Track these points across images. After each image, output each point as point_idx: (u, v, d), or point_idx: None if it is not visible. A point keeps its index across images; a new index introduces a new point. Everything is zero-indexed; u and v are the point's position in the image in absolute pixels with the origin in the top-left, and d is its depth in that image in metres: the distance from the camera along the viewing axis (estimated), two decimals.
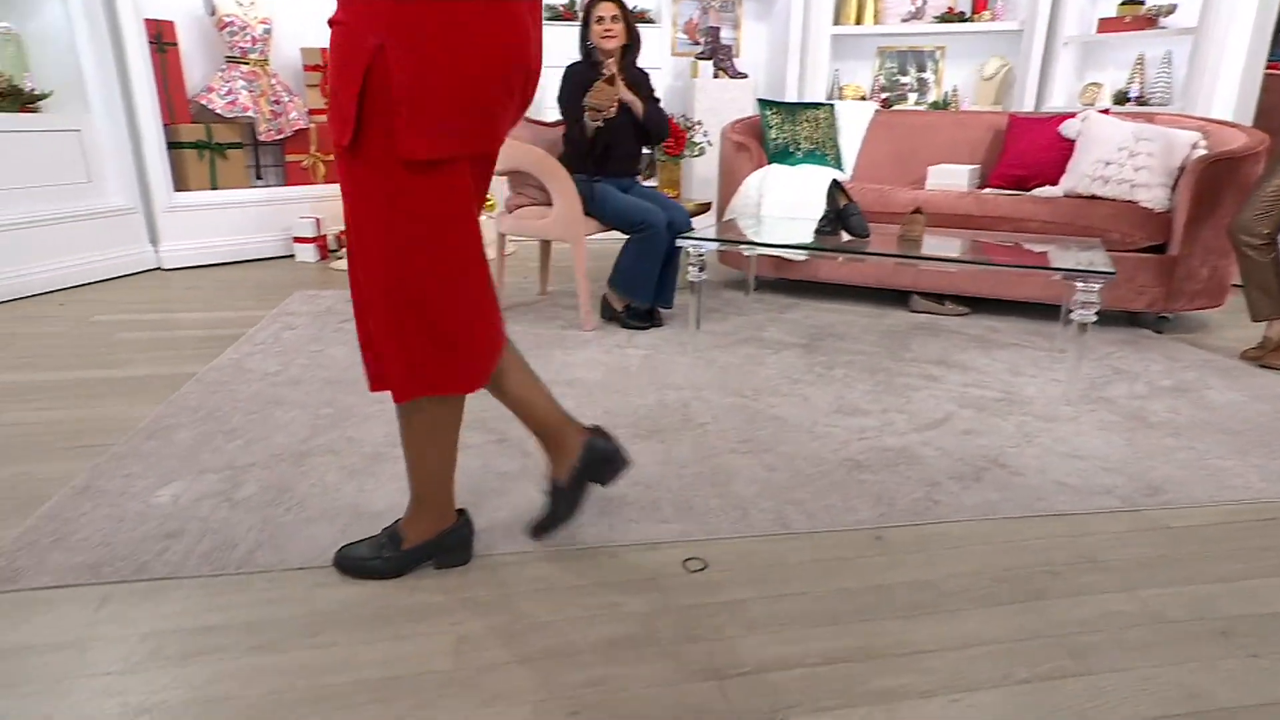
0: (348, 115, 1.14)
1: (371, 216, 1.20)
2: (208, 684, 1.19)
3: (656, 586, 1.44)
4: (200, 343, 2.86)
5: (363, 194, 1.19)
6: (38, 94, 3.70)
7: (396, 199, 1.18)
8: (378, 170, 1.16)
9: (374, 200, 1.19)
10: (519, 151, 3.06)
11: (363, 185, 1.19)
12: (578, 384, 2.48)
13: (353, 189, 1.20)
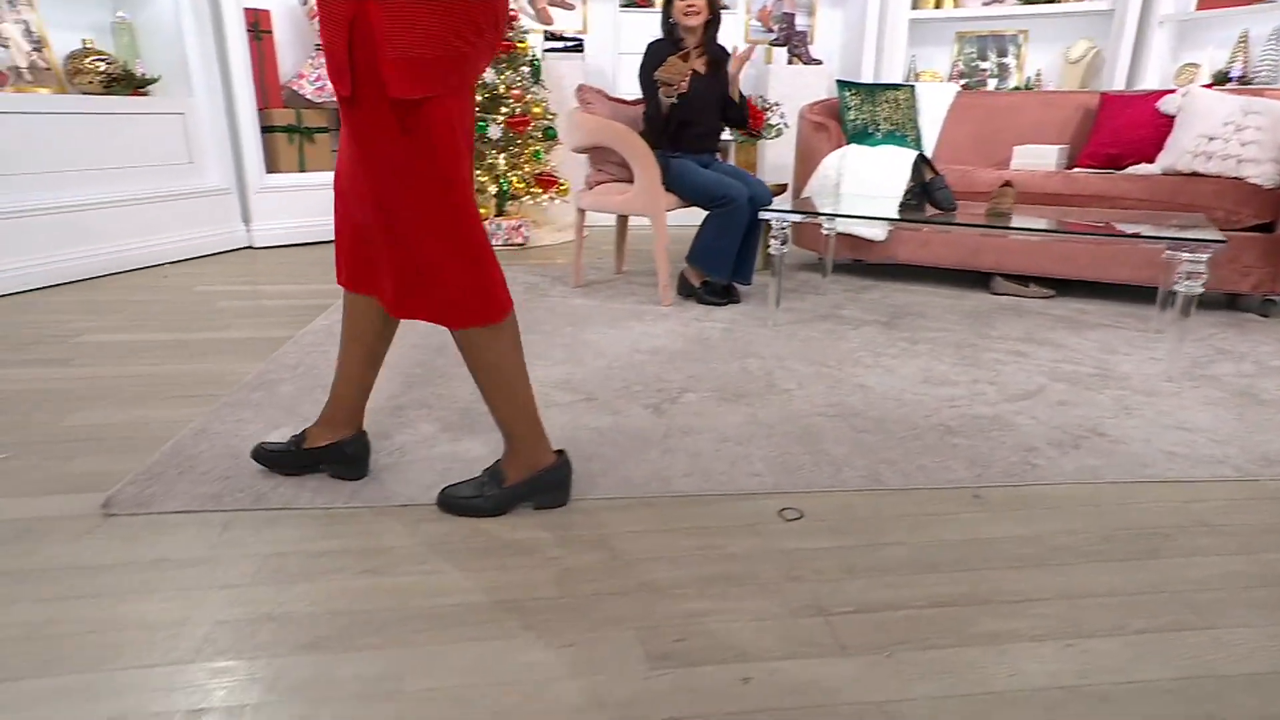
0: (342, 68, 1.21)
1: (391, 159, 1.27)
2: (327, 599, 1.23)
3: (754, 532, 1.44)
4: (293, 311, 2.98)
5: (375, 139, 1.26)
6: (147, 78, 3.90)
7: (406, 138, 1.25)
8: (381, 114, 1.23)
9: (388, 143, 1.25)
10: (600, 127, 3.09)
11: (372, 131, 1.25)
12: (660, 351, 2.50)
13: (365, 137, 1.26)
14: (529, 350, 2.49)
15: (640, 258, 4.15)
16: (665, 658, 1.11)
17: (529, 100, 4.61)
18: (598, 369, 2.32)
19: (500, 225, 4.43)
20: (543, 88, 4.80)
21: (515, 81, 4.55)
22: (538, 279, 3.59)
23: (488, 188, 4.56)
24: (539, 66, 4.72)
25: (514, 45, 4.52)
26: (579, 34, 5.36)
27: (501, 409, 1.45)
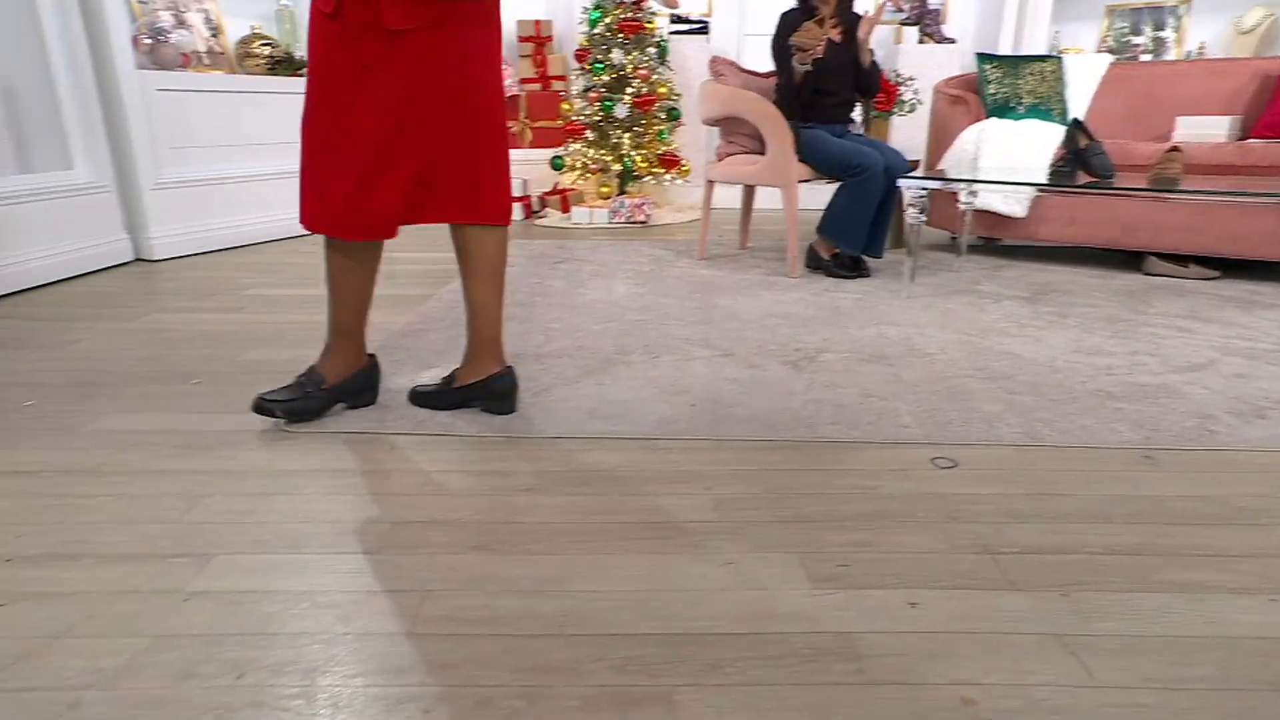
0: None
1: (489, 81, 1.54)
2: (491, 511, 1.29)
3: (907, 477, 1.41)
4: (431, 274, 3.12)
5: (479, 61, 1.54)
6: (304, 60, 4.17)
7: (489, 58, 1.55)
8: (365, 38, 1.42)
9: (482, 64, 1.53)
10: (733, 96, 3.08)
11: (345, 47, 1.44)
12: (792, 317, 2.47)
13: (332, 49, 1.44)
14: (661, 311, 2.52)
15: (762, 236, 4.12)
16: (829, 580, 1.10)
17: (655, 80, 4.65)
18: (731, 329, 2.32)
19: (623, 203, 4.50)
20: (668, 68, 4.84)
21: (642, 62, 4.61)
22: (662, 252, 3.62)
23: (612, 166, 4.63)
24: (665, 47, 4.75)
25: (642, 26, 4.57)
26: (704, 16, 5.36)
27: (497, 309, 1.66)
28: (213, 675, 0.91)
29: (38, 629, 0.99)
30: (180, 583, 1.09)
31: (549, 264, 3.30)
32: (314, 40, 1.45)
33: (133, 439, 1.55)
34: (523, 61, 5.04)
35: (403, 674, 0.91)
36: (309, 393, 1.61)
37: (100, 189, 3.18)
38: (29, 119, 3.09)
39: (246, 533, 1.22)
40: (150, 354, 2.09)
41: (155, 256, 3.37)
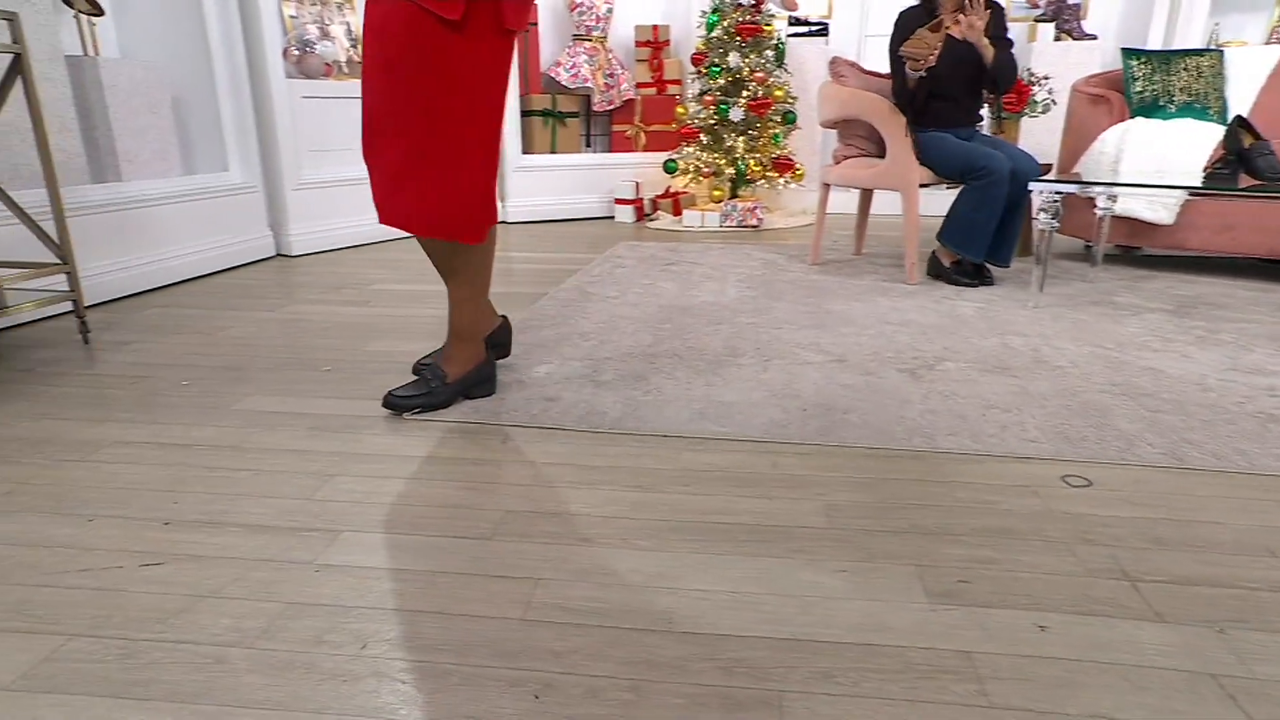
0: None
1: (477, 81, 1.51)
2: (600, 505, 1.31)
3: (1033, 494, 1.33)
4: (545, 274, 3.19)
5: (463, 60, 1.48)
6: None
7: (494, 63, 1.52)
8: (481, 41, 1.47)
9: (480, 66, 1.50)
10: (852, 98, 3.01)
11: (465, 55, 1.47)
12: (910, 324, 2.39)
13: (453, 58, 1.46)
14: (773, 315, 2.49)
15: (877, 242, 4.01)
16: (948, 595, 1.05)
17: (771, 84, 4.61)
18: (845, 335, 2.26)
19: (735, 207, 4.47)
20: (785, 71, 4.78)
21: (759, 65, 4.57)
22: (774, 256, 3.57)
23: (725, 170, 4.61)
24: (783, 50, 4.70)
25: (760, 29, 4.53)
26: (823, 19, 5.27)
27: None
28: (339, 644, 0.96)
29: (191, 588, 1.07)
30: (312, 555, 1.15)
31: (660, 266, 3.32)
32: (431, 51, 1.45)
33: (271, 419, 1.66)
34: (639, 66, 5.10)
35: (514, 657, 0.93)
36: (434, 388, 1.67)
37: (249, 189, 3.43)
38: (195, 126, 3.37)
39: (370, 512, 1.28)
40: (288, 342, 2.23)
41: (293, 252, 3.61)
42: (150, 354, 2.12)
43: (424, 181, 1.53)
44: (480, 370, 1.76)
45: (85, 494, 1.34)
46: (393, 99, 1.48)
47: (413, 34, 1.43)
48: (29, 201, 2.39)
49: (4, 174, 2.45)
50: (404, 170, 1.51)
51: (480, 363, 1.76)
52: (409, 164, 1.51)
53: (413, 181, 1.52)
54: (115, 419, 1.67)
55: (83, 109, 2.87)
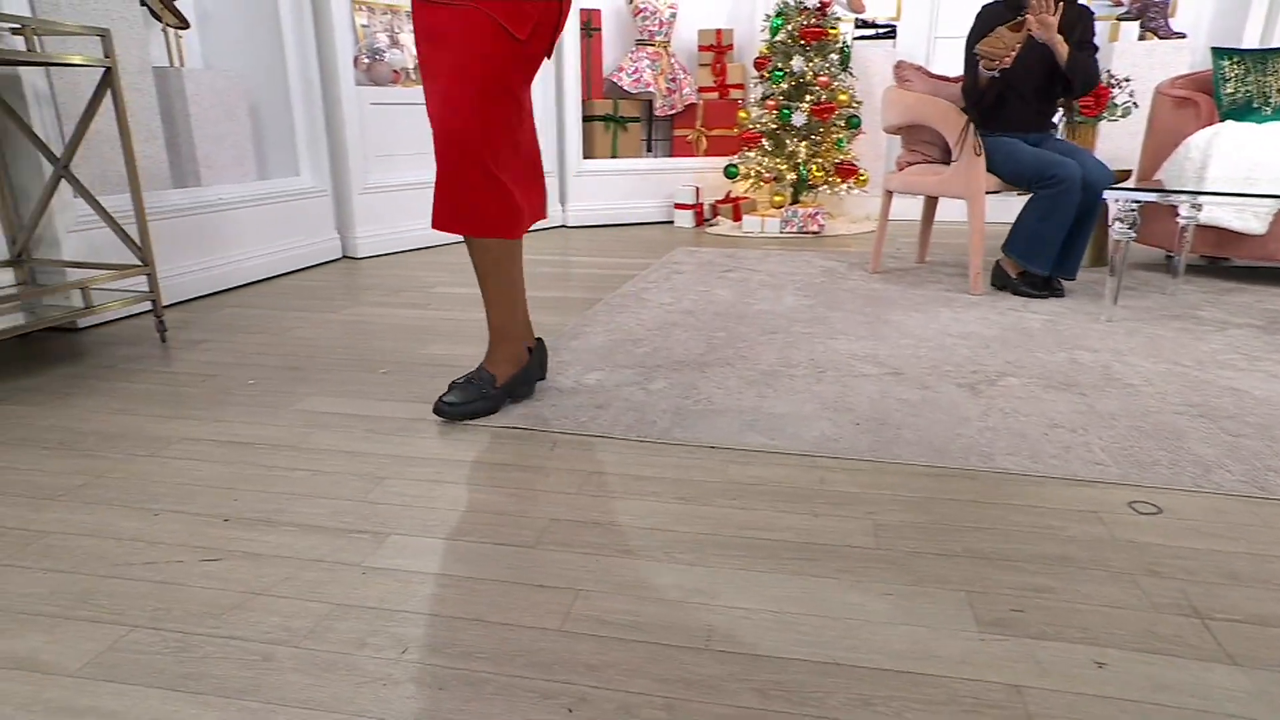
0: (529, 18, 1.50)
1: (525, 92, 1.60)
2: (644, 516, 1.30)
3: (1098, 520, 1.27)
4: (602, 279, 3.21)
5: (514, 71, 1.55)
6: None
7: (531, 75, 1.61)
8: (534, 61, 1.56)
9: (529, 78, 1.58)
10: (917, 103, 2.94)
11: (523, 70, 1.55)
12: (972, 336, 2.31)
13: (513, 69, 1.52)
14: (829, 325, 2.44)
15: (942, 250, 3.90)
16: (999, 624, 1.01)
17: (835, 88, 4.54)
18: (904, 347, 2.21)
19: (795, 213, 4.41)
20: (850, 75, 4.70)
21: (823, 69, 4.51)
22: (834, 263, 3.51)
23: (786, 175, 4.56)
24: (848, 54, 4.62)
25: (825, 32, 4.47)
26: (892, 20, 5.16)
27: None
28: (381, 647, 0.98)
29: (245, 585, 1.11)
30: (360, 557, 1.18)
31: (717, 272, 3.30)
32: (494, 60, 1.50)
33: (329, 420, 1.71)
34: (701, 70, 5.08)
35: (550, 669, 0.94)
36: (485, 393, 1.69)
37: (319, 193, 3.55)
38: (269, 132, 3.50)
39: (418, 516, 1.30)
40: (349, 343, 2.30)
41: (359, 255, 3.71)
42: (221, 353, 2.21)
43: (472, 183, 1.56)
44: (526, 371, 1.78)
45: (153, 488, 1.40)
46: (455, 105, 1.52)
47: (483, 41, 1.48)
48: (116, 206, 2.52)
49: (96, 180, 2.59)
50: (457, 173, 1.55)
51: (526, 364, 1.78)
52: (461, 168, 1.55)
53: (462, 184, 1.56)
54: (185, 416, 1.74)
55: (167, 117, 3.01)
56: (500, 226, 1.60)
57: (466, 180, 1.54)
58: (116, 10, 2.67)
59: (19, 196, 2.37)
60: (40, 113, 2.33)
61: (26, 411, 1.78)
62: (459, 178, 1.54)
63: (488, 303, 1.71)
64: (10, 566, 1.16)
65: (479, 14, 1.47)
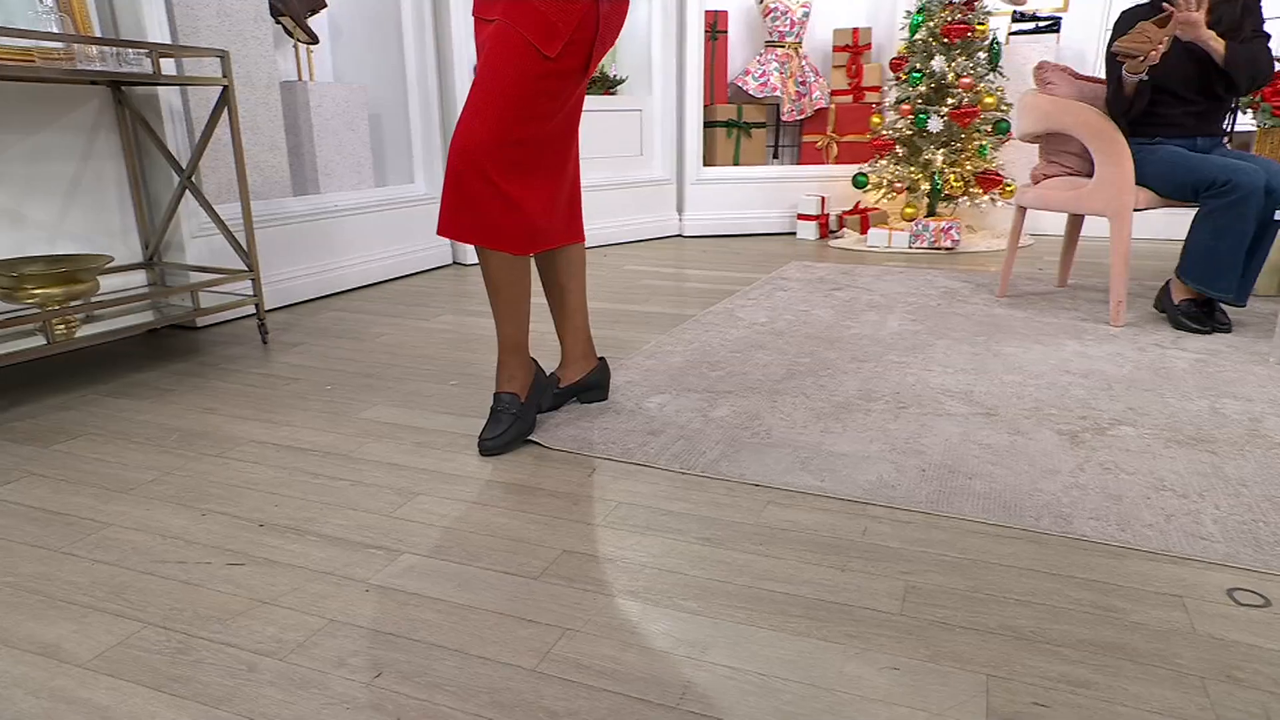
0: (559, 36, 1.54)
1: (557, 112, 1.63)
2: (661, 555, 1.29)
3: (1179, 606, 1.13)
4: (702, 294, 3.19)
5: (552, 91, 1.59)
6: (617, 79, 4.53)
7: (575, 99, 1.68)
8: (567, 79, 1.59)
9: (563, 100, 1.62)
10: (1057, 109, 2.73)
11: (553, 88, 1.58)
12: (1095, 375, 2.12)
13: (540, 86, 1.56)
14: (928, 354, 2.31)
15: (1091, 272, 3.60)
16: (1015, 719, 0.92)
17: (980, 90, 4.30)
18: (1007, 384, 2.05)
19: (926, 227, 4.21)
20: (1000, 75, 4.43)
21: (966, 69, 4.28)
22: (959, 284, 3.32)
23: (920, 185, 4.36)
24: (998, 51, 4.36)
25: (971, 29, 4.24)
26: (1057, 12, 4.82)
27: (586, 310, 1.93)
28: (357, 669, 1.02)
29: (255, 593, 1.20)
30: (368, 574, 1.24)
31: (824, 291, 3.21)
32: (518, 76, 1.54)
33: (385, 431, 1.81)
34: (835, 72, 4.96)
35: (510, 710, 0.95)
36: (516, 415, 1.72)
37: (432, 200, 3.76)
38: (389, 141, 3.76)
39: (435, 537, 1.35)
40: (430, 353, 2.42)
41: (467, 261, 3.90)
42: (310, 356, 2.39)
43: (475, 193, 1.59)
44: (538, 378, 1.82)
45: (209, 488, 1.54)
46: (472, 115, 1.57)
47: (513, 57, 1.53)
48: (235, 214, 2.79)
49: (221, 189, 2.88)
50: (462, 182, 1.58)
51: (537, 373, 1.80)
52: (466, 177, 1.58)
53: (466, 193, 1.59)
54: (258, 418, 1.90)
55: (291, 128, 3.29)
56: (504, 239, 1.61)
57: (470, 189, 1.56)
58: (249, 30, 2.95)
59: (153, 204, 2.68)
60: (173, 128, 2.61)
61: (130, 405, 2.00)
62: (463, 186, 1.57)
63: (497, 317, 1.71)
64: (67, 554, 1.31)
65: (512, 30, 1.52)
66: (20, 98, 2.29)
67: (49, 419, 1.91)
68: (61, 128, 2.41)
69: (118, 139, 2.56)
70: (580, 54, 1.58)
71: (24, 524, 1.41)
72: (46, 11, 2.20)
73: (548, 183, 1.67)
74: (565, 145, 1.70)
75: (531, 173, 1.62)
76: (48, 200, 2.39)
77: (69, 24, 2.24)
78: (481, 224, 1.59)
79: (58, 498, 1.51)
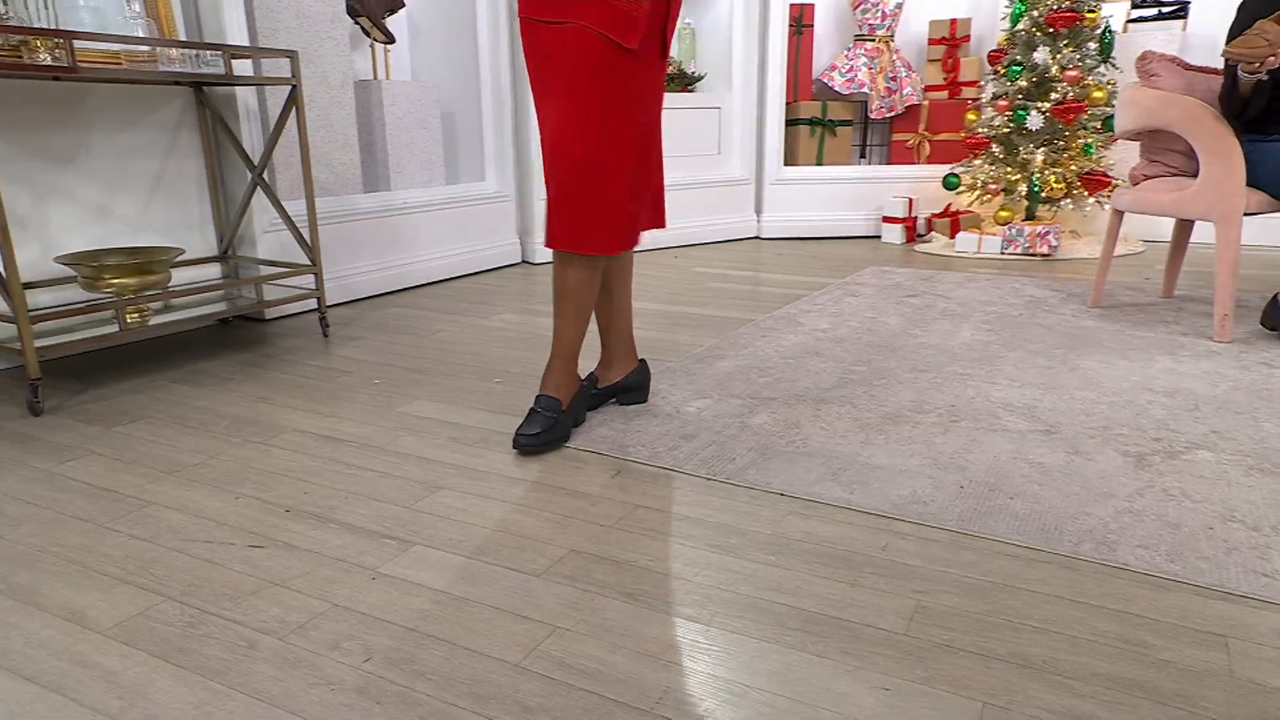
0: (636, 26, 1.59)
1: (649, 101, 1.70)
2: (667, 560, 1.30)
3: (1220, 647, 1.07)
4: (768, 298, 3.18)
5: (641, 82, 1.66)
6: (696, 76, 4.56)
7: (659, 85, 1.75)
8: (653, 65, 1.67)
9: (653, 87, 1.70)
10: (1160, 104, 2.60)
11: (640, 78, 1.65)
12: (1181, 394, 2.00)
13: (628, 80, 1.62)
14: (994, 367, 2.24)
15: (1201, 282, 3.39)
16: None
17: (1089, 84, 4.11)
18: (1077, 400, 1.97)
19: (1020, 231, 4.06)
20: (1113, 67, 4.23)
21: (1073, 60, 4.10)
22: (1048, 293, 3.19)
23: (1018, 186, 4.21)
24: (1111, 41, 4.16)
25: (1080, 17, 4.07)
26: None
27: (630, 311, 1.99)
28: (349, 652, 1.09)
29: (270, 574, 1.28)
30: (377, 562, 1.31)
31: (898, 297, 3.14)
32: (606, 75, 1.59)
33: (422, 425, 1.89)
34: (930, 66, 4.84)
35: (485, 703, 0.99)
36: (555, 420, 1.76)
37: (503, 198, 3.88)
38: (461, 139, 3.90)
39: (449, 529, 1.41)
40: (481, 350, 2.50)
41: (536, 260, 4.00)
42: (366, 351, 2.51)
43: (591, 203, 1.65)
44: (581, 392, 1.86)
45: (247, 473, 1.65)
46: (569, 125, 1.61)
47: (594, 57, 1.57)
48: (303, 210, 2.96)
49: (293, 186, 3.06)
50: (574, 194, 1.64)
51: (581, 386, 1.85)
52: (579, 189, 1.64)
53: (580, 205, 1.65)
54: (306, 408, 2.01)
55: (365, 126, 3.46)
56: (614, 243, 1.69)
57: (584, 201, 1.63)
58: (325, 30, 3.13)
59: (229, 200, 2.87)
60: (249, 126, 2.79)
61: (192, 392, 2.15)
62: (576, 199, 1.62)
63: (560, 321, 1.76)
64: (109, 529, 1.43)
65: (587, 33, 1.56)
66: (110, 98, 2.50)
67: (117, 401, 2.08)
68: (147, 126, 2.62)
69: (199, 137, 2.76)
70: (655, 41, 1.65)
71: (77, 499, 1.55)
72: (134, 16, 2.40)
73: (649, 176, 1.75)
74: (658, 135, 1.79)
75: (633, 170, 1.68)
76: (133, 195, 2.60)
77: (155, 28, 2.43)
78: (596, 234, 1.66)
79: (111, 475, 1.65)
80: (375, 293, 3.30)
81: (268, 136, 2.95)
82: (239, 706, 0.98)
